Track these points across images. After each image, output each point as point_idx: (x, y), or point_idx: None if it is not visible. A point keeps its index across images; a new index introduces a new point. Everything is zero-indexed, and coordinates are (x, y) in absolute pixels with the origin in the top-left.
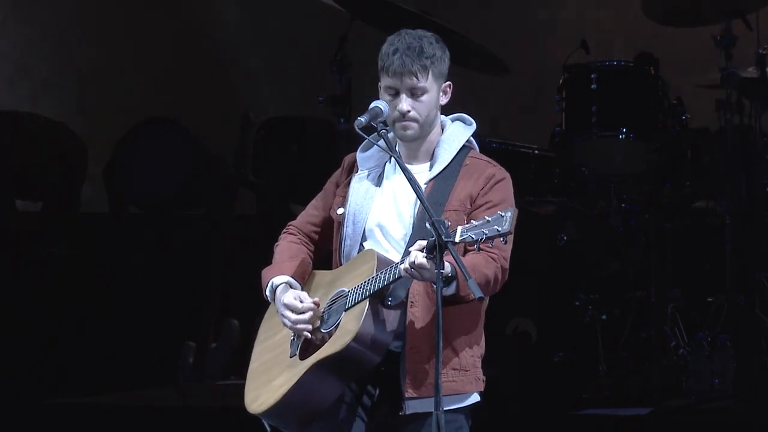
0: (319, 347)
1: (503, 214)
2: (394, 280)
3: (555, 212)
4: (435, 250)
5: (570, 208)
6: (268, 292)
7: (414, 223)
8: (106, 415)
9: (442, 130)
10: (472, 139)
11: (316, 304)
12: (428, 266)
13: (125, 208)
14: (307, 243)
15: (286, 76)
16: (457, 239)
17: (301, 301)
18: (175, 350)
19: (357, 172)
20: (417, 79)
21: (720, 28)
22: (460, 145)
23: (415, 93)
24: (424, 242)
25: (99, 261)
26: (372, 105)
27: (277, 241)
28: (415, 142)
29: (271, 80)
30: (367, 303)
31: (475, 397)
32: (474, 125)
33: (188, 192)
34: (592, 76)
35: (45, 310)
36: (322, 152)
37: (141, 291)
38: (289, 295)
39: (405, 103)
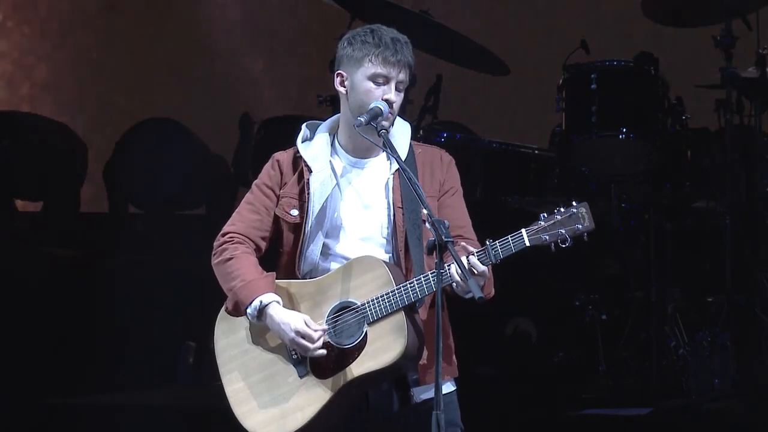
0: (338, 363)
1: (576, 209)
2: (432, 291)
3: None
4: (435, 250)
5: None
6: (251, 310)
7: (393, 219)
8: (106, 415)
9: None
10: None
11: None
12: (488, 272)
13: (125, 208)
14: (254, 252)
15: (286, 76)
16: (527, 243)
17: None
18: (175, 350)
19: (310, 171)
20: (405, 73)
21: (720, 28)
22: (409, 136)
23: (398, 87)
24: (472, 249)
25: (99, 261)
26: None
27: (219, 250)
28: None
29: (271, 80)
30: (403, 314)
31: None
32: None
33: (188, 192)
34: (592, 76)
35: (45, 310)
36: None
37: (141, 291)
38: (297, 320)
39: (394, 94)
